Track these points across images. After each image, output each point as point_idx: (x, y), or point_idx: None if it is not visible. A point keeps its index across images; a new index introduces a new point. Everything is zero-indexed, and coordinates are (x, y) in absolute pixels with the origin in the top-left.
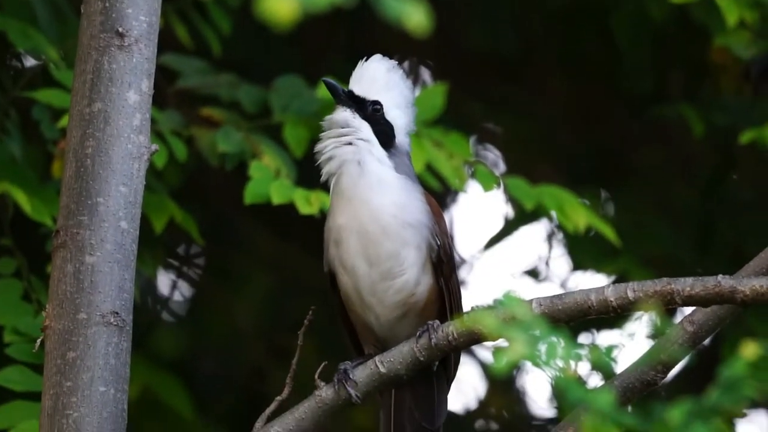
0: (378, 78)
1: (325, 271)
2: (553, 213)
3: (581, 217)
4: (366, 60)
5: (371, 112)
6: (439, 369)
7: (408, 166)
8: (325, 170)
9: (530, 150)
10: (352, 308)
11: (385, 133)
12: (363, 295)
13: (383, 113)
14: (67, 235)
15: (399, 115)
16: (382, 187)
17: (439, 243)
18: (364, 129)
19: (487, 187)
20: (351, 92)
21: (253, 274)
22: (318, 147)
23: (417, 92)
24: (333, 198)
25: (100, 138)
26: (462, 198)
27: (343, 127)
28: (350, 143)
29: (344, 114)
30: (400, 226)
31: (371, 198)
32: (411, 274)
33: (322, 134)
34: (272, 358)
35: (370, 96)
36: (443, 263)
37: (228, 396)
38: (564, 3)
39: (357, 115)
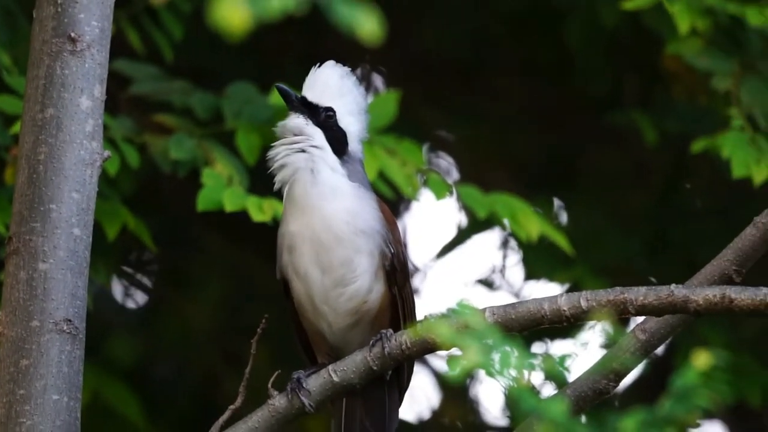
0: (331, 84)
1: (278, 278)
2: (506, 221)
3: (534, 225)
4: (319, 66)
5: (324, 118)
6: (391, 378)
7: (361, 173)
8: (278, 177)
9: (484, 156)
10: (305, 315)
11: (337, 140)
12: (316, 303)
13: (336, 120)
14: (19, 241)
15: (352, 122)
16: (335, 194)
17: (392, 251)
18: (317, 136)
19: (439, 196)
20: (304, 98)
21: (207, 280)
22: (270, 154)
23: (370, 99)
24: (286, 205)
25: (52, 144)
26: (415, 206)
27: (296, 134)
28: (303, 150)
29: (297, 120)
30: (353, 233)
31: (324, 205)
32: (363, 281)
33: (275, 141)
34: (226, 364)
35: (323, 102)
36: (396, 271)
37: (181, 402)
38: (517, 8)
39: (310, 122)
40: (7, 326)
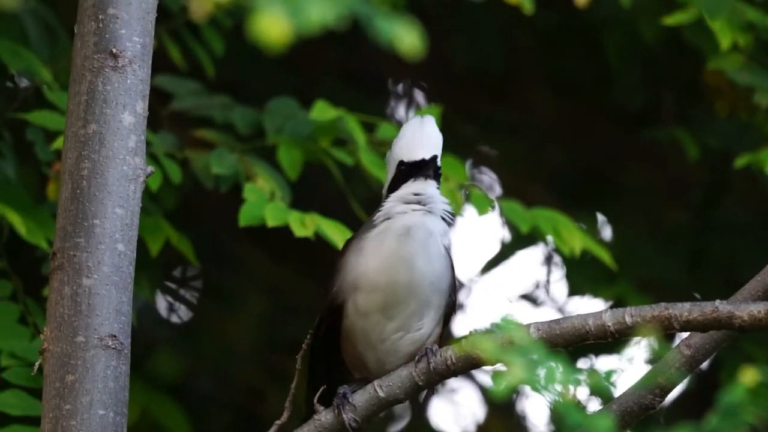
0: (439, 141)
1: (327, 304)
2: (549, 236)
3: (577, 240)
4: (424, 122)
5: (436, 178)
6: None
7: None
8: (389, 222)
9: (524, 171)
10: (353, 343)
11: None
12: (371, 340)
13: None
14: (64, 257)
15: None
16: (433, 260)
17: (453, 299)
18: (441, 203)
19: (481, 211)
20: (423, 160)
21: (249, 295)
22: (393, 200)
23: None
24: (375, 241)
25: (95, 160)
26: (459, 221)
27: (428, 203)
28: (428, 211)
29: (433, 191)
30: (431, 292)
31: (420, 268)
32: (427, 328)
33: (405, 195)
34: (268, 380)
35: (433, 158)
36: (453, 312)
37: (224, 417)
38: (552, 21)
39: (438, 190)
40: (52, 342)
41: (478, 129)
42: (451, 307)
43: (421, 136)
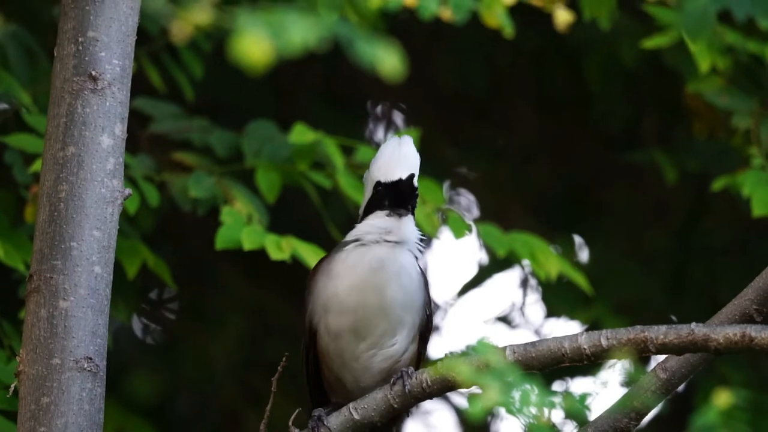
0: (416, 162)
1: (305, 326)
2: (526, 261)
3: (553, 265)
4: (402, 142)
5: (413, 198)
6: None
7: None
8: (363, 250)
9: (503, 192)
10: (329, 366)
11: (414, 210)
12: (345, 359)
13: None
14: (40, 279)
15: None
16: (404, 286)
17: (428, 313)
18: (414, 237)
19: (458, 235)
20: (399, 181)
21: (226, 316)
22: (367, 226)
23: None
24: (347, 263)
25: (73, 182)
26: (435, 243)
27: (405, 238)
28: (397, 242)
29: (405, 229)
30: (403, 311)
31: (390, 294)
32: (401, 345)
33: (381, 222)
34: (247, 401)
35: (416, 183)
36: (429, 331)
37: None
38: (534, 43)
39: (411, 218)
40: (27, 364)
41: (459, 150)
42: (426, 324)
43: (398, 156)
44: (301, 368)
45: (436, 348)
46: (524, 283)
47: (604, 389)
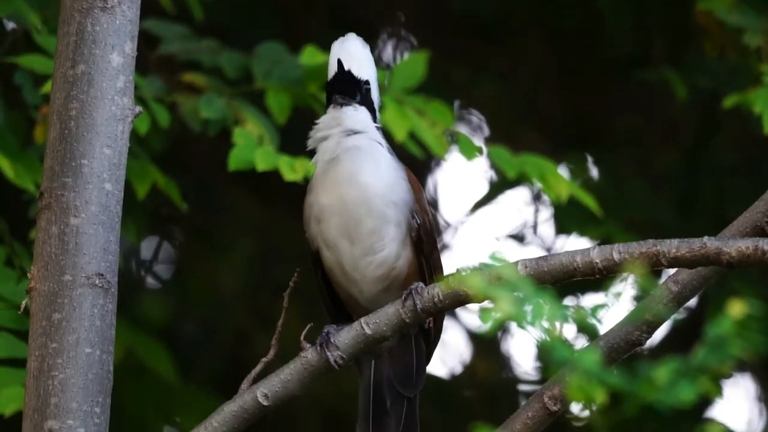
0: (362, 56)
1: (308, 248)
2: (536, 182)
3: (563, 187)
4: (345, 39)
5: (365, 92)
6: (418, 337)
7: (386, 142)
8: (320, 147)
9: (514, 114)
10: (337, 281)
11: (373, 112)
12: (346, 270)
13: (371, 91)
14: (51, 196)
15: (376, 92)
16: (377, 168)
17: (419, 221)
18: (366, 117)
19: (469, 157)
20: (350, 72)
21: (236, 239)
22: (318, 126)
23: (399, 60)
24: (319, 176)
25: (84, 100)
26: (446, 163)
27: (350, 126)
28: (353, 132)
29: (353, 113)
30: (385, 205)
31: (361, 180)
32: (391, 249)
33: (326, 117)
34: (256, 323)
35: (361, 75)
36: (423, 241)
37: (212, 360)
38: None
39: (360, 105)
40: (39, 281)
41: (469, 72)
42: (418, 231)
43: (339, 53)
44: (311, 287)
45: (448, 265)
46: (536, 200)
47: (616, 302)
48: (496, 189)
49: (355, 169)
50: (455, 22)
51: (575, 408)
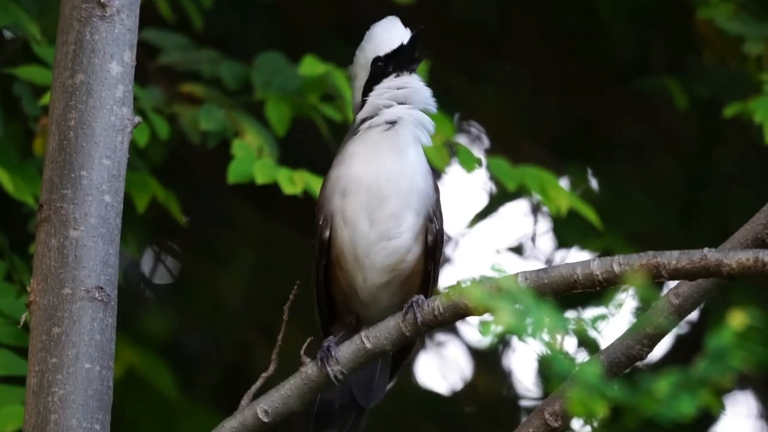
0: (404, 33)
1: (317, 233)
2: (536, 194)
3: (563, 199)
4: (392, 19)
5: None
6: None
7: None
8: (377, 115)
9: (514, 124)
10: (343, 266)
11: None
12: (358, 253)
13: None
14: (50, 209)
15: None
16: (418, 151)
17: (437, 227)
18: (426, 97)
19: (468, 169)
20: (401, 47)
21: (237, 251)
22: (383, 89)
23: None
24: (359, 146)
25: (82, 110)
26: (446, 174)
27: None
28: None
29: (418, 83)
30: (411, 189)
31: (405, 159)
32: (405, 238)
33: (392, 83)
34: (257, 335)
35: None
36: (437, 249)
37: (213, 373)
38: None
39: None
40: (38, 294)
41: (470, 82)
42: (435, 237)
43: (393, 30)
44: (311, 300)
45: (448, 278)
46: (535, 212)
47: (616, 315)
48: (496, 201)
49: (406, 143)
50: (456, 31)
51: (576, 424)
